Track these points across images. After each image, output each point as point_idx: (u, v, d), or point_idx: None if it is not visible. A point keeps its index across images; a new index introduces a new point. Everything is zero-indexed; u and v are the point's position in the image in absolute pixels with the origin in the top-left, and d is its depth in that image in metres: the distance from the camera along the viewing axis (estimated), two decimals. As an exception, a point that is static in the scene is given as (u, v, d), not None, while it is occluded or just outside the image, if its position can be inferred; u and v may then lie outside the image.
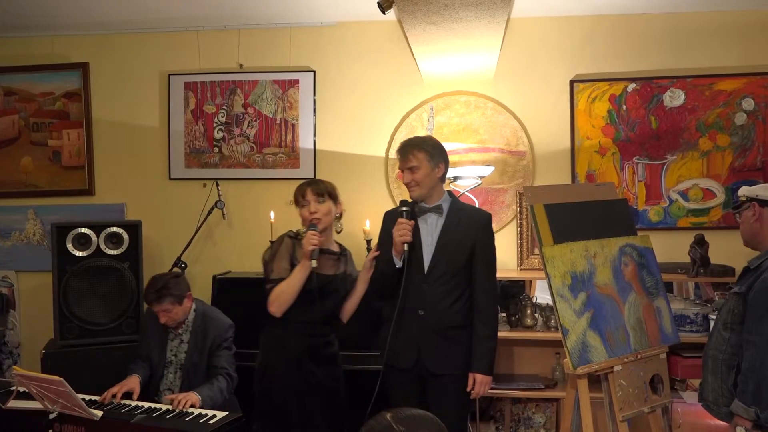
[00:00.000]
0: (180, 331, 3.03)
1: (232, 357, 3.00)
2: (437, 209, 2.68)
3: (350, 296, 2.82)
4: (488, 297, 2.66)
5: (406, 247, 2.56)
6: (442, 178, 2.71)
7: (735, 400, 2.27)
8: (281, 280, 2.64)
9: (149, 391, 2.97)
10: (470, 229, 2.65)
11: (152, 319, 3.06)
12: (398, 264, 2.60)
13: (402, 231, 2.56)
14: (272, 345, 2.75)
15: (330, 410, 2.73)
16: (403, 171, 2.68)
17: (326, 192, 2.72)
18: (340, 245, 2.87)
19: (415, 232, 2.63)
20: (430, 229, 2.68)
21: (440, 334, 2.62)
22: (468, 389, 2.60)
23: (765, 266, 2.32)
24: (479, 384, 2.59)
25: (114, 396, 2.71)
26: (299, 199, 2.72)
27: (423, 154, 2.62)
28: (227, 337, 3.01)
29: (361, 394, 2.64)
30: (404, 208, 2.61)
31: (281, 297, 2.63)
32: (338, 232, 2.84)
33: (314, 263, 2.58)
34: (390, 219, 2.74)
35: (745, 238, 2.50)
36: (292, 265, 2.66)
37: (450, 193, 2.76)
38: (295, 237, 2.73)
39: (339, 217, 2.82)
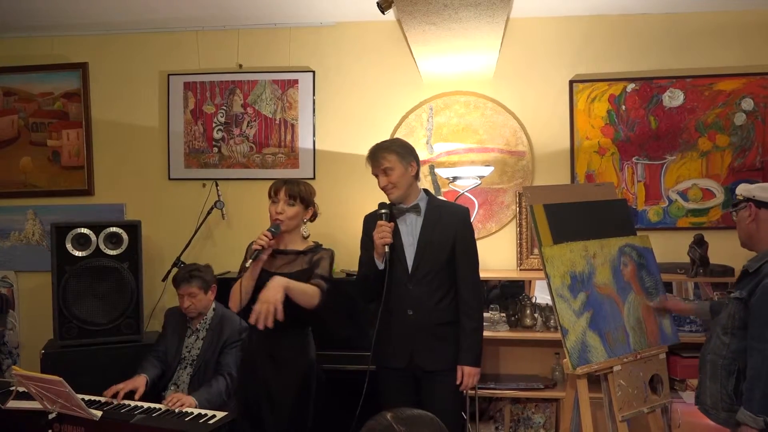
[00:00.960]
0: (198, 327, 3.09)
1: (239, 357, 3.01)
2: (415, 209, 2.69)
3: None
4: (472, 290, 2.67)
5: (386, 249, 2.58)
6: (417, 176, 2.72)
7: (741, 408, 2.22)
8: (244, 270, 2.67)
9: (159, 387, 3.00)
10: (450, 225, 2.67)
11: (172, 317, 3.15)
12: (380, 266, 2.61)
13: (382, 233, 2.58)
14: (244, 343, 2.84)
15: (287, 413, 2.63)
16: (377, 176, 2.69)
17: (299, 196, 2.68)
18: (316, 244, 2.76)
19: (396, 233, 2.65)
20: (410, 229, 2.69)
21: (430, 333, 2.63)
22: (457, 382, 2.61)
23: (764, 270, 2.28)
24: (467, 376, 2.60)
25: (117, 393, 2.72)
26: (271, 194, 2.71)
27: (393, 156, 2.64)
28: (240, 338, 3.04)
29: (353, 394, 2.63)
30: (383, 211, 2.63)
31: (232, 294, 2.63)
32: (305, 237, 2.77)
33: (249, 264, 2.55)
34: (370, 222, 2.75)
35: (742, 238, 2.47)
36: None
37: (426, 191, 2.77)
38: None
39: (311, 220, 2.77)
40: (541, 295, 3.75)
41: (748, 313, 2.28)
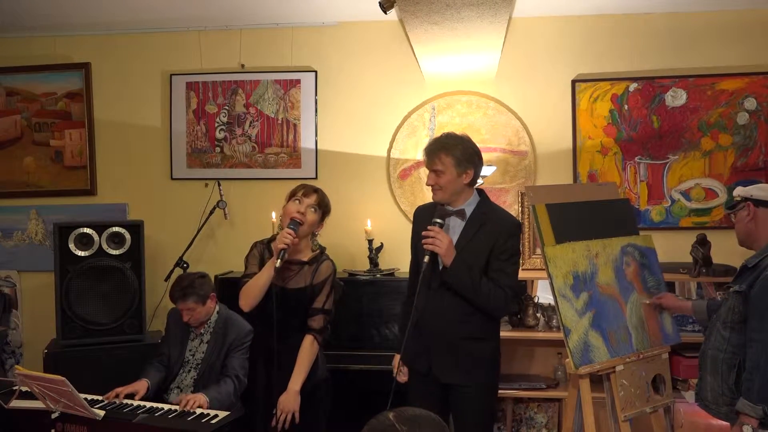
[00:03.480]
0: (202, 331, 3.06)
1: (245, 361, 2.99)
2: (460, 213, 2.52)
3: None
4: (501, 289, 2.46)
5: (426, 258, 2.42)
6: (471, 183, 2.53)
7: (740, 398, 2.25)
8: (253, 275, 2.61)
9: (162, 390, 2.99)
10: (491, 234, 2.48)
11: (174, 318, 3.12)
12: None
13: (431, 240, 2.41)
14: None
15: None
16: (428, 170, 2.53)
17: (323, 207, 2.63)
18: (321, 250, 2.75)
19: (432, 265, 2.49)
20: (451, 233, 2.51)
21: (453, 344, 2.50)
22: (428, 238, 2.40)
23: (764, 264, 2.32)
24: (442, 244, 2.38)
25: (118, 395, 2.72)
26: (297, 194, 2.61)
27: (450, 159, 2.44)
28: (245, 341, 3.01)
29: (360, 393, 2.64)
30: (438, 221, 2.45)
31: (246, 291, 2.59)
32: (313, 251, 2.72)
33: (278, 264, 2.48)
34: (418, 218, 2.63)
35: (740, 237, 2.51)
36: (262, 265, 2.62)
37: (481, 192, 2.59)
38: (268, 243, 2.69)
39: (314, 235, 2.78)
40: (543, 294, 3.74)
41: (747, 307, 2.31)
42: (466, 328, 2.50)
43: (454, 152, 2.45)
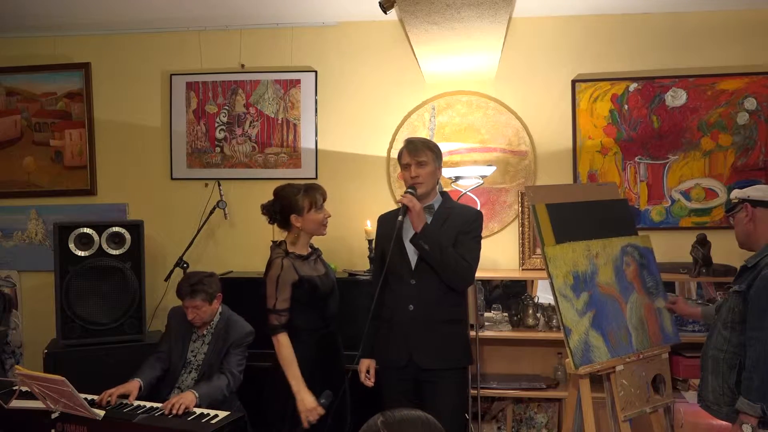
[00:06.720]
0: (204, 332, 3.06)
1: (243, 359, 3.01)
2: (429, 208, 2.69)
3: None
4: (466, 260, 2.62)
5: (399, 218, 2.58)
6: (437, 181, 2.76)
7: (740, 397, 2.27)
8: (283, 311, 2.58)
9: (162, 390, 2.99)
10: (455, 225, 2.65)
11: (176, 319, 3.12)
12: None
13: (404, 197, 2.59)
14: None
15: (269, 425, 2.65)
16: (410, 165, 2.65)
17: None
18: (311, 246, 2.82)
19: (401, 229, 2.63)
20: None
21: (431, 329, 2.60)
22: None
23: (763, 263, 2.34)
24: (410, 205, 2.54)
25: (111, 396, 2.71)
26: (320, 202, 2.71)
27: (431, 153, 2.67)
28: (245, 341, 3.03)
29: (366, 393, 2.64)
30: (411, 190, 2.63)
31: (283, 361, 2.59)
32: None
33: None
34: (383, 223, 2.81)
35: (740, 239, 2.53)
36: (292, 288, 2.61)
37: (443, 194, 2.78)
38: (287, 254, 2.67)
39: None
40: (543, 294, 3.75)
41: (747, 306, 2.32)
42: (442, 311, 2.63)
43: (434, 149, 2.72)
